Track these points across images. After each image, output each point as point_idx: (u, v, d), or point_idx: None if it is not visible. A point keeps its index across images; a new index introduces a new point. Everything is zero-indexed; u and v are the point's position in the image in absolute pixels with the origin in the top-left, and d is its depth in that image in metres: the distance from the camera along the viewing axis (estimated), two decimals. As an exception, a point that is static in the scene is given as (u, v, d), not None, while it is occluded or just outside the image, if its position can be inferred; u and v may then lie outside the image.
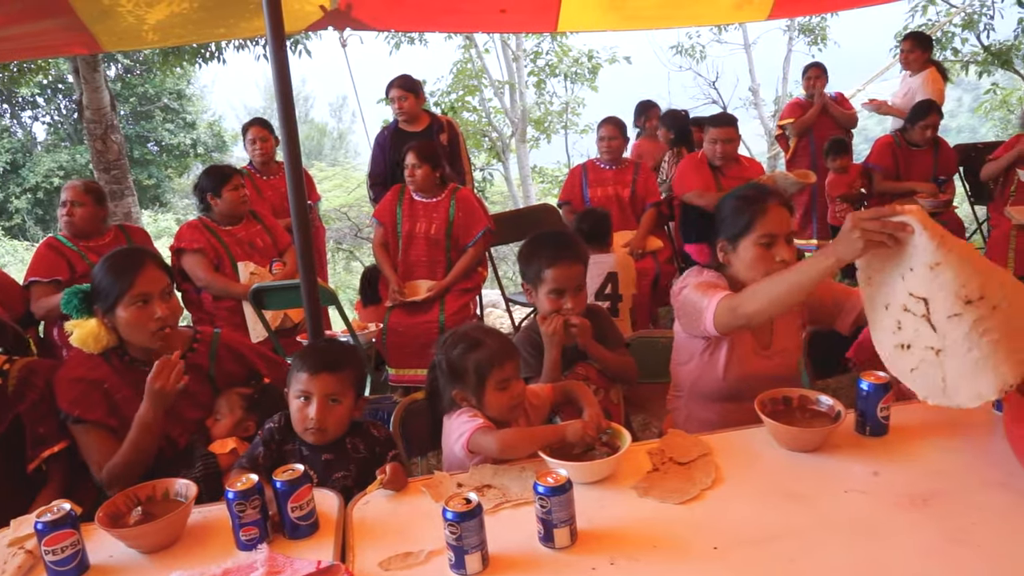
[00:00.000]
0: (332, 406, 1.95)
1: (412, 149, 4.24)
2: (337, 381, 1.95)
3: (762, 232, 2.16)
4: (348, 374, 1.98)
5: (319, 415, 1.93)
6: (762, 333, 2.29)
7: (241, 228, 4.12)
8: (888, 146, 5.39)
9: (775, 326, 2.30)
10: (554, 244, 2.37)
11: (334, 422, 1.96)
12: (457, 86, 12.56)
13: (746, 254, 2.18)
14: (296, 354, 2.05)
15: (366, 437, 2.02)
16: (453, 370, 1.96)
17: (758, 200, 2.19)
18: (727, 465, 1.80)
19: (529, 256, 2.37)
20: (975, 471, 1.71)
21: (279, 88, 2.58)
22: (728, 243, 2.23)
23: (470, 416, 1.92)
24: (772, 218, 2.17)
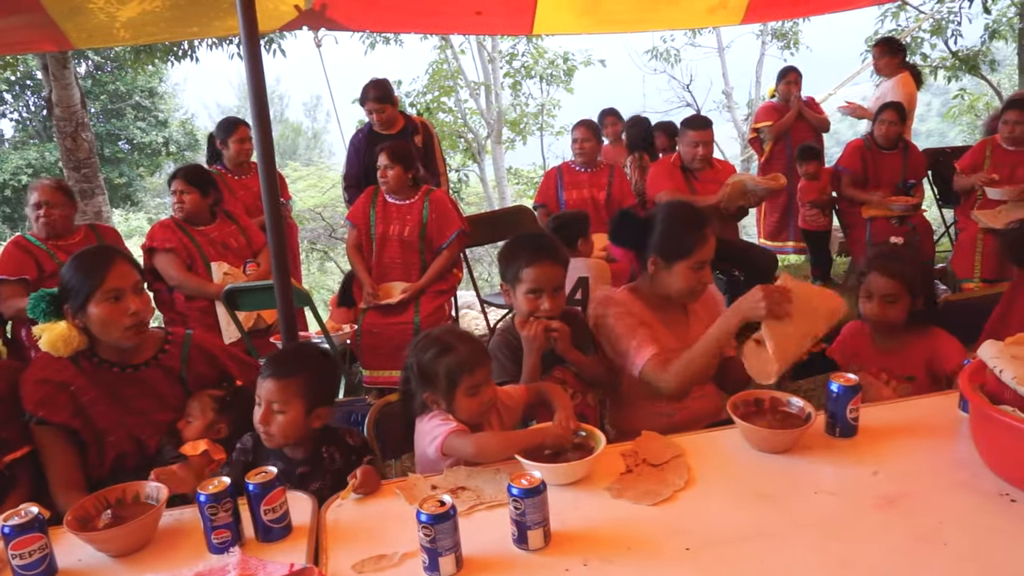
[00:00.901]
0: (274, 414, 1.92)
1: (384, 150, 4.23)
2: (280, 389, 1.91)
3: (698, 259, 2.32)
4: (296, 382, 1.93)
5: (262, 420, 1.92)
6: (677, 329, 2.42)
7: (214, 228, 4.08)
8: (858, 150, 5.45)
9: (690, 320, 2.45)
10: (534, 245, 2.38)
11: (278, 429, 1.93)
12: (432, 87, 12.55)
13: (679, 275, 2.34)
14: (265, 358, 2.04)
15: (342, 446, 2.01)
16: (424, 374, 1.95)
17: (700, 227, 2.33)
18: (700, 466, 1.82)
19: (509, 256, 2.38)
20: (942, 471, 1.74)
21: (253, 88, 2.56)
22: (662, 260, 2.36)
23: (442, 419, 1.92)
24: (709, 246, 2.33)
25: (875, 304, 2.47)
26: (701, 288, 2.38)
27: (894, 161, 5.40)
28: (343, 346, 4.12)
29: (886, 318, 2.46)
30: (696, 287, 2.37)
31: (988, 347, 1.76)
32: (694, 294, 2.40)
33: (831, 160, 5.95)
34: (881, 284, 2.45)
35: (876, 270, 2.47)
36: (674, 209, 2.43)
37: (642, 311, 2.41)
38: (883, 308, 2.46)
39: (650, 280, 2.44)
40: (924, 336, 2.48)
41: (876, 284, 2.46)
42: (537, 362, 2.30)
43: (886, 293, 2.45)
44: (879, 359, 2.52)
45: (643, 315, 2.40)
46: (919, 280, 2.45)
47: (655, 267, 2.39)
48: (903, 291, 2.44)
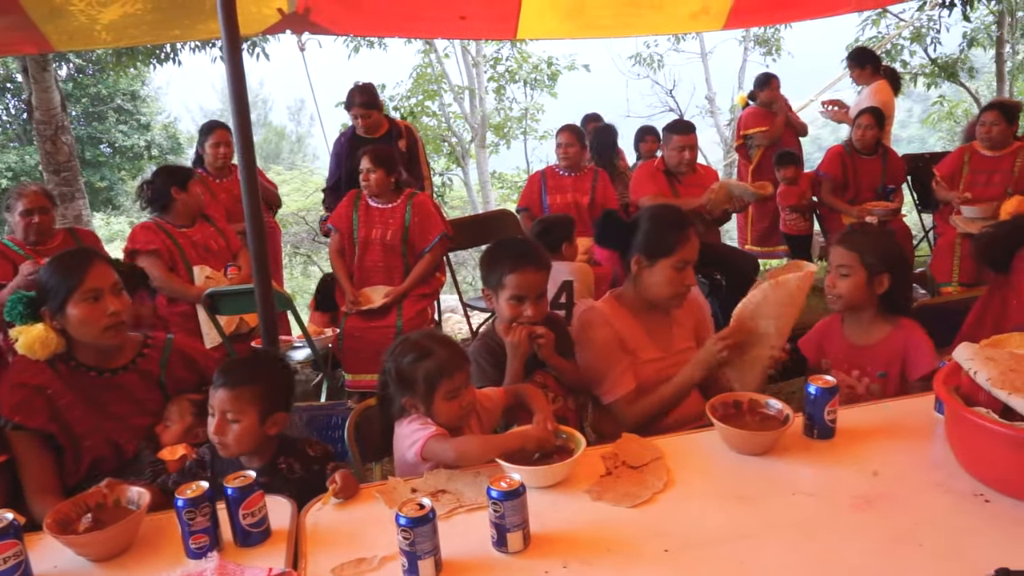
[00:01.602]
0: (229, 423, 1.91)
1: (367, 153, 4.22)
2: (232, 399, 1.90)
3: (680, 257, 2.35)
4: (249, 390, 1.91)
5: (216, 431, 1.91)
6: (660, 337, 2.44)
7: (196, 230, 4.07)
8: (838, 155, 5.50)
9: (673, 329, 2.49)
10: (517, 250, 2.38)
11: (234, 439, 1.92)
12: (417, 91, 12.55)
13: (661, 274, 2.36)
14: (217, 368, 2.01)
15: (301, 457, 1.99)
16: (402, 379, 1.95)
17: (682, 226, 2.36)
18: (679, 468, 1.83)
19: (491, 261, 2.37)
20: (918, 472, 1.75)
21: (234, 91, 2.56)
22: (646, 259, 2.39)
23: (422, 423, 1.92)
24: (692, 245, 2.36)
25: (828, 277, 2.45)
26: (684, 290, 2.40)
27: (874, 166, 5.46)
28: (325, 350, 4.11)
29: (838, 291, 2.42)
30: (679, 289, 2.38)
31: (963, 349, 1.77)
32: (677, 297, 2.41)
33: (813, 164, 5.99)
34: (837, 255, 2.43)
35: (836, 243, 2.46)
36: (658, 209, 2.47)
37: (625, 320, 2.42)
38: (835, 280, 2.43)
39: (633, 283, 2.45)
40: (897, 329, 2.44)
41: (833, 256, 2.44)
42: (521, 368, 2.30)
43: (840, 264, 2.41)
44: (850, 355, 2.50)
45: (626, 325, 2.40)
46: (879, 256, 2.39)
47: (638, 266, 2.41)
48: (858, 263, 2.39)
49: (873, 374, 2.45)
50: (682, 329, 2.51)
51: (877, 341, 2.46)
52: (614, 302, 2.48)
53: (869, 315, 2.47)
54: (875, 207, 5.27)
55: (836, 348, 2.55)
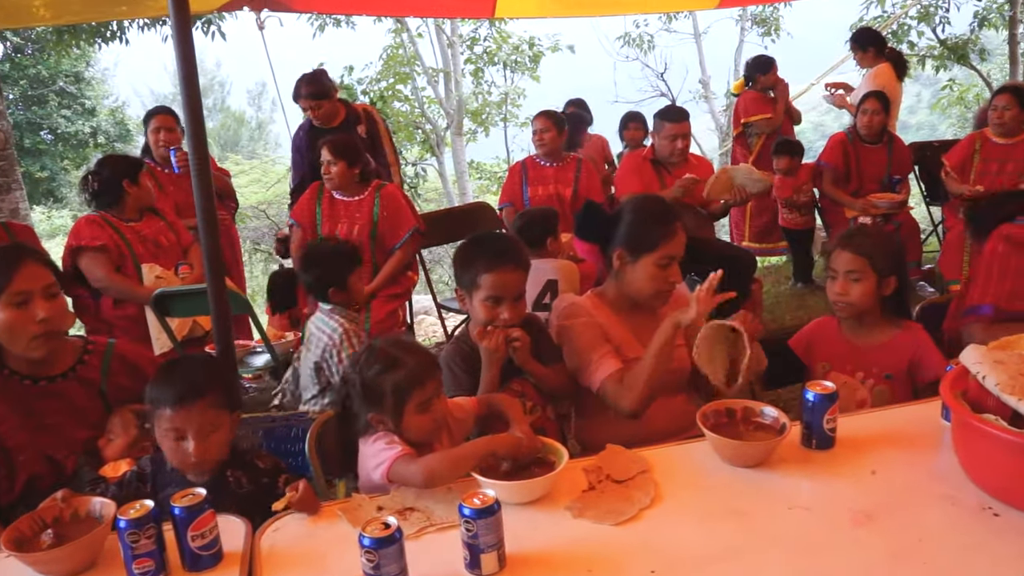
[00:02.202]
0: (210, 436, 1.90)
1: (326, 144, 4.20)
2: (206, 409, 1.89)
3: (665, 253, 2.37)
4: (214, 396, 1.91)
5: (199, 450, 1.88)
6: (645, 335, 2.42)
7: (144, 224, 4.04)
8: (840, 144, 5.52)
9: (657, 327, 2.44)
10: (493, 248, 2.35)
11: (216, 451, 1.92)
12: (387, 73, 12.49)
13: (644, 270, 2.39)
14: (150, 384, 1.95)
15: (250, 469, 1.98)
16: (369, 392, 1.93)
17: (668, 220, 2.38)
18: (667, 482, 1.83)
19: (465, 260, 2.35)
20: (922, 485, 1.77)
21: (184, 74, 2.54)
22: (628, 255, 2.41)
23: (387, 443, 1.90)
24: (677, 241, 2.38)
25: (838, 283, 2.49)
26: (668, 288, 2.41)
27: (878, 155, 5.49)
28: (286, 355, 4.08)
29: (850, 298, 2.47)
30: (663, 286, 2.40)
31: (971, 351, 1.79)
32: (661, 295, 2.43)
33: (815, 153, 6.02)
34: (845, 260, 2.47)
35: (839, 247, 2.50)
36: (642, 202, 2.48)
37: (608, 318, 2.43)
38: (846, 286, 2.47)
39: (616, 280, 2.47)
40: (901, 330, 2.50)
41: (840, 261, 2.49)
42: (497, 375, 2.29)
43: (850, 269, 2.46)
44: (853, 356, 2.53)
45: (609, 323, 2.42)
46: (887, 259, 2.47)
47: (620, 262, 2.42)
48: (868, 268, 2.45)
49: (879, 376, 2.49)
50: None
51: (882, 343, 2.51)
52: (596, 299, 2.50)
53: (873, 317, 2.52)
54: (880, 199, 5.30)
55: (836, 349, 2.58)
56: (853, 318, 2.54)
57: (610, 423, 2.41)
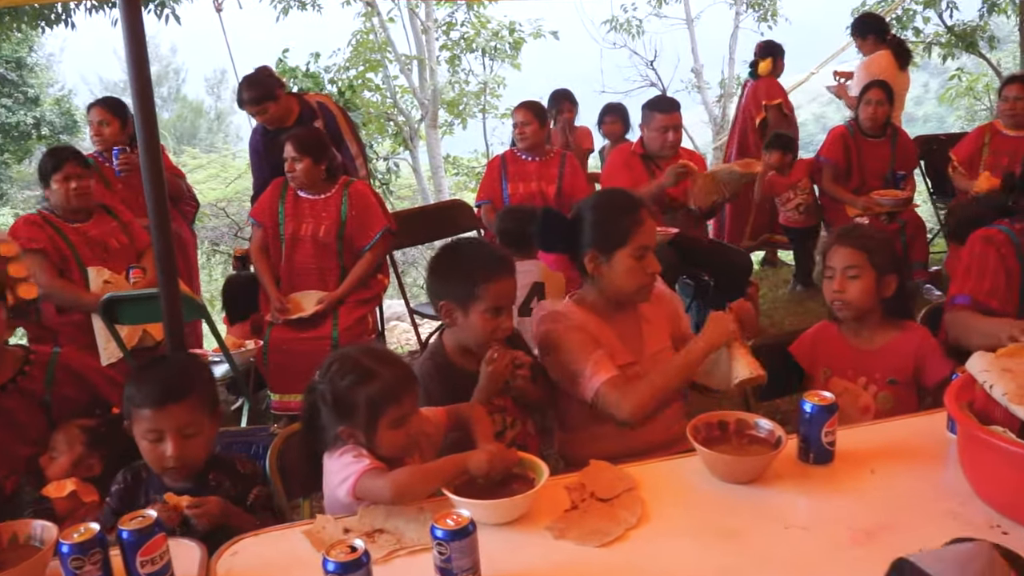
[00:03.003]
0: (188, 440, 1.93)
1: (290, 140, 4.16)
2: (188, 410, 1.94)
3: (638, 244, 2.39)
4: (198, 396, 1.97)
5: (177, 452, 1.92)
6: (631, 339, 2.49)
7: (92, 225, 3.99)
8: (840, 138, 5.55)
9: (643, 329, 2.53)
10: (488, 256, 2.38)
11: (195, 455, 1.96)
12: (357, 61, 12.44)
13: (621, 266, 2.41)
14: (129, 383, 2.00)
15: (231, 473, 2.01)
16: (340, 405, 1.92)
17: (633, 210, 2.41)
18: (655, 500, 1.84)
19: (456, 271, 2.35)
20: (927, 500, 1.79)
21: (133, 59, 2.53)
22: (601, 254, 2.43)
23: (355, 456, 1.89)
24: (647, 230, 2.41)
25: (836, 281, 2.52)
26: (649, 279, 2.44)
27: (881, 150, 5.53)
28: (246, 366, 4.07)
29: (848, 296, 2.50)
30: (643, 279, 2.43)
31: (977, 359, 1.81)
32: (643, 288, 2.46)
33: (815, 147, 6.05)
34: (842, 256, 2.52)
35: (836, 243, 2.55)
36: (602, 196, 2.55)
37: (593, 323, 2.44)
38: (844, 284, 2.50)
39: (593, 283, 2.49)
40: (903, 331, 2.55)
41: (837, 257, 2.53)
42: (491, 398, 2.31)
43: (848, 265, 2.50)
44: (855, 361, 2.57)
45: (595, 328, 2.43)
46: (886, 256, 2.52)
47: (594, 264, 2.44)
48: (867, 264, 2.49)
49: (882, 381, 2.52)
50: (653, 327, 2.56)
51: (883, 345, 2.54)
52: (576, 305, 2.51)
53: (874, 319, 2.56)
54: (883, 196, 5.34)
55: (837, 354, 2.61)
56: (853, 320, 2.57)
57: (594, 437, 2.42)
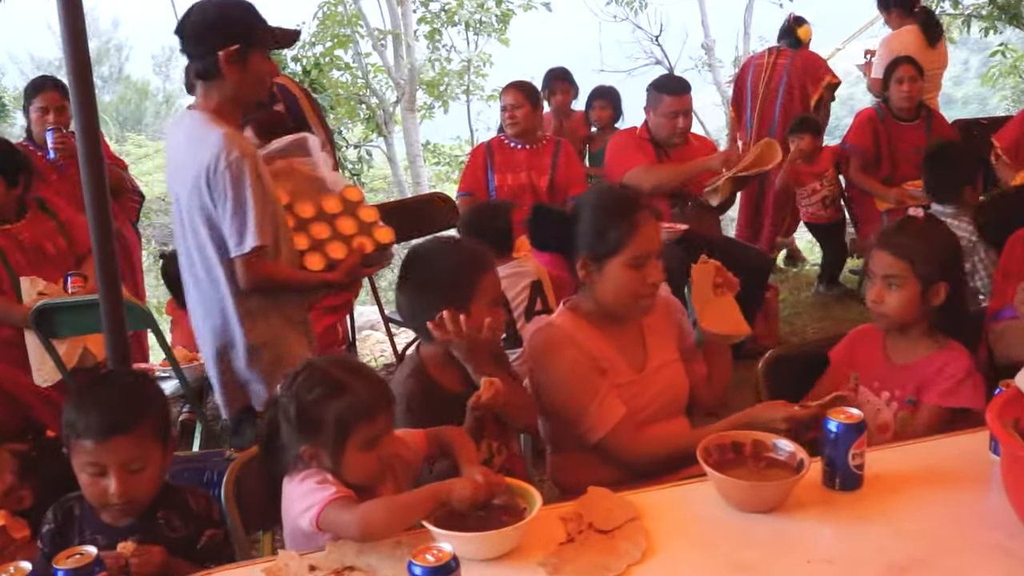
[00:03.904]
0: (134, 475, 1.92)
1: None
2: (136, 442, 1.92)
3: (634, 253, 2.37)
4: (147, 426, 1.94)
5: (121, 489, 1.90)
6: (633, 353, 2.49)
7: (24, 226, 3.95)
8: (868, 121, 5.56)
9: (647, 342, 2.54)
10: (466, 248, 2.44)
11: (142, 492, 1.94)
12: (324, 36, 12.42)
13: (613, 277, 2.39)
14: (68, 404, 1.97)
15: (182, 510, 2.00)
16: (305, 421, 1.91)
17: (628, 213, 2.38)
18: (661, 531, 1.84)
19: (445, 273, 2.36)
20: (968, 531, 1.79)
21: (69, 34, 2.51)
22: (592, 262, 2.42)
23: (318, 482, 1.89)
24: (645, 235, 2.38)
25: (874, 289, 2.50)
26: (648, 291, 2.42)
27: (914, 135, 5.54)
28: (199, 381, 4.05)
29: (885, 307, 2.48)
30: (641, 290, 2.40)
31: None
32: (641, 301, 2.44)
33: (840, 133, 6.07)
34: (882, 262, 2.48)
35: (878, 245, 2.50)
36: (597, 193, 2.52)
37: (589, 337, 2.44)
38: (882, 293, 2.47)
39: (588, 291, 2.49)
40: (941, 351, 2.51)
41: (877, 262, 2.49)
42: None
43: (887, 274, 2.46)
44: (884, 373, 2.56)
45: (592, 343, 2.43)
46: (936, 262, 2.46)
47: (585, 271, 2.44)
48: (910, 273, 2.44)
49: (902, 400, 2.51)
50: (657, 339, 2.56)
51: (916, 361, 2.53)
52: (571, 315, 2.51)
53: (919, 330, 2.53)
54: (917, 187, 5.34)
55: (870, 362, 2.60)
56: (894, 330, 2.56)
57: (592, 461, 2.42)
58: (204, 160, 2.76)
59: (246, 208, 2.77)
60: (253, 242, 2.78)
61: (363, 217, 3.14)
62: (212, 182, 2.77)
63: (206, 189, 2.79)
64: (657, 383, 2.46)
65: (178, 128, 3.09)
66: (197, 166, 2.79)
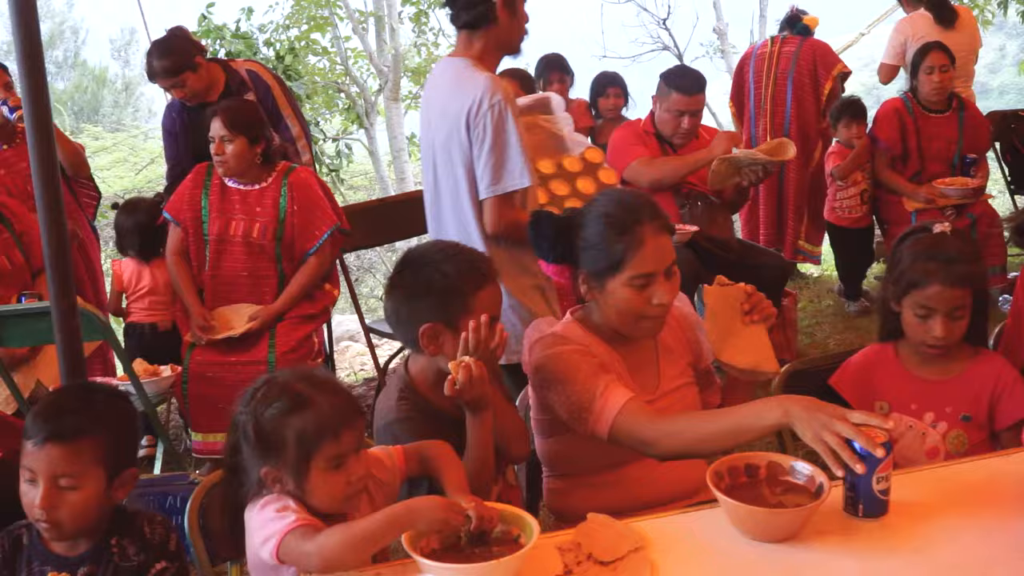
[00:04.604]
0: (64, 492, 1.91)
1: (219, 114, 4.12)
2: (69, 457, 1.91)
3: (636, 272, 2.31)
4: (91, 443, 1.93)
5: (44, 503, 1.90)
6: (645, 372, 2.47)
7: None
8: (894, 113, 5.56)
9: (660, 361, 2.52)
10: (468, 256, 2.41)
11: (69, 514, 1.92)
12: (299, 19, 12.42)
13: (616, 296, 2.35)
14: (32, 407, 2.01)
15: (137, 538, 1.99)
16: (264, 439, 1.91)
17: (631, 226, 2.32)
18: (667, 563, 1.84)
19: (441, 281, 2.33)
20: (1008, 562, 1.78)
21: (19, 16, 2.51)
22: (593, 278, 2.39)
23: (278, 510, 1.88)
24: (650, 252, 2.32)
25: (939, 322, 2.48)
26: (657, 311, 2.36)
27: (946, 128, 5.54)
28: (161, 398, 4.06)
29: (954, 338, 2.51)
30: (646, 311, 2.35)
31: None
32: (646, 324, 2.39)
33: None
34: (947, 297, 2.47)
35: (932, 280, 2.48)
36: (603, 201, 2.45)
37: (599, 349, 2.43)
38: (950, 327, 2.48)
39: (592, 310, 2.49)
40: (979, 361, 2.56)
41: (940, 299, 2.47)
42: None
43: (955, 307, 2.48)
44: (920, 393, 2.58)
45: (601, 355, 2.41)
46: (982, 278, 2.57)
47: (587, 287, 2.42)
48: (970, 300, 2.50)
49: (954, 417, 2.53)
50: (672, 356, 2.54)
51: (956, 375, 2.57)
52: (578, 327, 2.48)
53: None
54: (949, 186, 5.35)
55: (895, 385, 2.62)
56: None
57: (593, 485, 2.42)
58: (467, 101, 3.19)
59: (505, 150, 3.18)
60: (508, 184, 3.21)
61: (603, 179, 3.54)
62: (473, 122, 3.19)
63: (465, 131, 3.22)
64: (669, 407, 2.43)
65: (441, 75, 3.57)
66: (459, 107, 3.23)
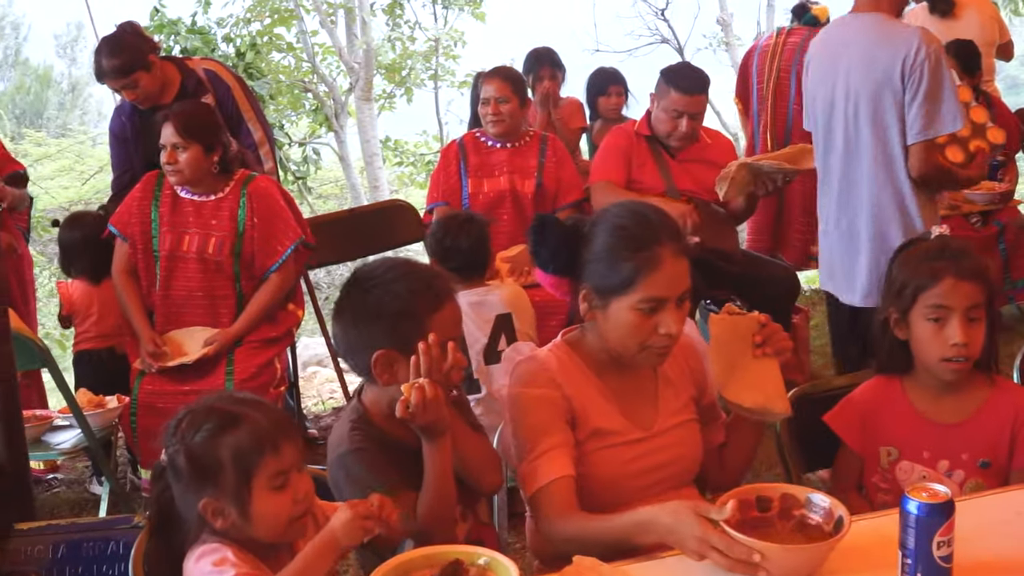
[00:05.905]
0: None
1: (172, 119, 4.09)
2: None
3: (646, 295, 2.25)
4: None
5: None
6: (640, 406, 2.43)
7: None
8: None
9: (660, 392, 2.47)
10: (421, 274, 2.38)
11: None
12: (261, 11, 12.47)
13: (619, 319, 2.29)
14: None
15: None
16: (198, 466, 1.90)
17: (648, 244, 2.27)
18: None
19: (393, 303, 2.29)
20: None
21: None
22: (596, 296, 2.33)
23: (215, 563, 1.88)
24: (665, 275, 2.26)
25: (958, 325, 2.37)
26: (662, 341, 2.31)
27: (969, 127, 5.58)
28: (106, 432, 4.04)
29: (974, 348, 2.39)
30: (651, 340, 2.30)
31: None
32: (650, 353, 2.33)
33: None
34: (963, 293, 2.38)
35: (947, 275, 2.39)
36: (614, 212, 2.40)
37: (583, 381, 2.39)
38: (969, 330, 2.37)
39: (588, 331, 2.44)
40: (995, 391, 2.49)
41: (956, 295, 2.38)
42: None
43: (972, 304, 2.38)
44: (932, 437, 2.50)
45: (582, 389, 2.38)
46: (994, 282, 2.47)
47: (588, 305, 2.36)
48: (984, 300, 2.40)
49: (971, 465, 2.46)
50: (673, 389, 2.49)
51: (971, 416, 2.48)
52: (567, 352, 2.44)
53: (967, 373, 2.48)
54: (975, 190, 5.37)
55: (904, 428, 2.54)
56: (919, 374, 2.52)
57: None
58: (901, 51, 3.64)
59: (940, 96, 3.64)
60: (940, 128, 3.69)
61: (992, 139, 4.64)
62: (909, 70, 3.63)
63: (900, 79, 3.65)
64: (667, 446, 2.40)
65: (857, 30, 3.89)
66: (890, 57, 3.67)
